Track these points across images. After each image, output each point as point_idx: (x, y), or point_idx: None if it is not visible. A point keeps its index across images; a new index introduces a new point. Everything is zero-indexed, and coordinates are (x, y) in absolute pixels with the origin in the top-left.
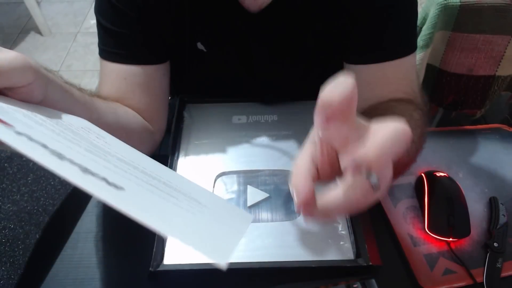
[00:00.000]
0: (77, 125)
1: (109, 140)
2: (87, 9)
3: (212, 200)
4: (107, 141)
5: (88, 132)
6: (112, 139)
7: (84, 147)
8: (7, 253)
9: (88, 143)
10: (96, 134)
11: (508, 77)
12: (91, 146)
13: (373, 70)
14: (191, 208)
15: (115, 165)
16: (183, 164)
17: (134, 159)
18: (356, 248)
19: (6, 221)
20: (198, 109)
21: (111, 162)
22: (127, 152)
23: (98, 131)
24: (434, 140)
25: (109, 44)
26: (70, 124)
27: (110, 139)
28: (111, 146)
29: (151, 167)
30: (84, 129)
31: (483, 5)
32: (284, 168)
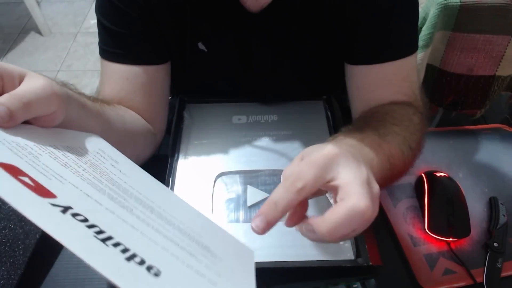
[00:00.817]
0: (93, 148)
1: (123, 167)
2: (87, 9)
3: (220, 242)
4: (122, 169)
5: (103, 158)
6: (124, 163)
7: (108, 195)
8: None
9: (109, 181)
10: (111, 160)
11: (508, 77)
12: (113, 187)
13: (374, 71)
14: (210, 271)
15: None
16: (183, 164)
17: (147, 191)
18: (356, 248)
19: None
20: (198, 109)
21: (134, 213)
22: (138, 180)
23: (111, 153)
24: (434, 140)
25: (110, 44)
26: (87, 152)
27: (123, 163)
28: (126, 175)
29: (159, 199)
30: (100, 154)
31: (483, 5)
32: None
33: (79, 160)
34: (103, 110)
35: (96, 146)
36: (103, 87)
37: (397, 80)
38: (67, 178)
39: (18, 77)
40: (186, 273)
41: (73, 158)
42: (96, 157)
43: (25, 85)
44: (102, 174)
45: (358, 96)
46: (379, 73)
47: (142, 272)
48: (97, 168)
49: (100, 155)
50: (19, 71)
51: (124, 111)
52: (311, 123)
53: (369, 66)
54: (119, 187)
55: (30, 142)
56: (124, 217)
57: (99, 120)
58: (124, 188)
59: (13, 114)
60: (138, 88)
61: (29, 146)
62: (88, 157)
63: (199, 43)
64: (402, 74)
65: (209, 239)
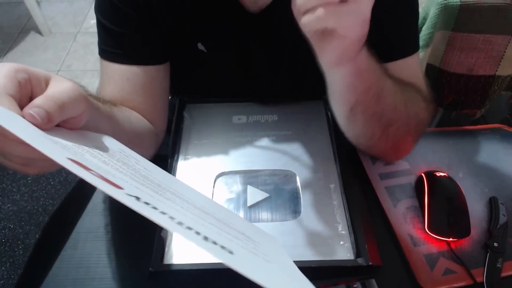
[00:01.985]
0: (115, 148)
1: (145, 165)
2: (87, 9)
3: (250, 229)
4: (145, 167)
5: (126, 157)
6: (144, 161)
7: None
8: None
9: (144, 177)
10: (133, 159)
11: (508, 77)
12: (149, 183)
13: None
14: (259, 253)
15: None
16: (183, 164)
17: (173, 186)
18: (356, 248)
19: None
20: (198, 109)
21: (178, 204)
22: (162, 176)
23: (130, 153)
24: (434, 140)
25: (110, 44)
26: (113, 151)
27: (143, 162)
28: (151, 172)
29: (186, 192)
30: (123, 153)
31: (483, 5)
32: (284, 168)
33: (112, 158)
34: (112, 111)
35: (116, 146)
36: (103, 87)
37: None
38: (114, 174)
39: (44, 80)
40: (247, 253)
41: (107, 156)
42: (121, 156)
43: (55, 87)
44: (134, 171)
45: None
46: None
47: (220, 250)
48: (129, 166)
49: (124, 154)
50: (44, 74)
51: (129, 112)
52: (311, 123)
53: None
54: (152, 182)
55: (68, 142)
56: (176, 207)
57: (110, 122)
58: (156, 183)
59: (51, 116)
60: (139, 88)
61: (69, 146)
62: (117, 156)
63: (198, 44)
64: (404, 74)
65: (241, 227)
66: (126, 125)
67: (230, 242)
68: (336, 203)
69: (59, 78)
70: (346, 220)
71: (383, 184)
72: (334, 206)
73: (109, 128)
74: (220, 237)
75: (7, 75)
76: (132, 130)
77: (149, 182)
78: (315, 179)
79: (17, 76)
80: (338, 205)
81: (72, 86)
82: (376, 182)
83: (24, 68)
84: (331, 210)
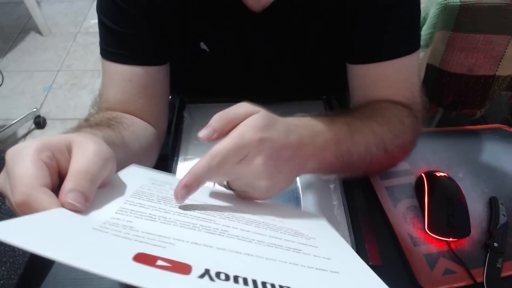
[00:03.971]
0: (147, 182)
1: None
2: (87, 9)
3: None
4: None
5: (161, 186)
6: (173, 178)
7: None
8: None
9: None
10: (167, 185)
11: (508, 77)
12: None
13: (374, 71)
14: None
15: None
16: (183, 164)
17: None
18: (356, 248)
19: None
20: (198, 109)
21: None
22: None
23: (159, 177)
24: (434, 140)
25: (112, 44)
26: (150, 187)
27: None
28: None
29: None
30: (156, 183)
31: (483, 5)
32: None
33: (158, 204)
34: (122, 136)
35: (145, 176)
36: (106, 89)
37: (397, 81)
38: (176, 236)
39: (66, 148)
40: (316, 277)
41: (152, 205)
42: (157, 189)
43: (80, 158)
44: (182, 207)
45: (358, 96)
46: (378, 73)
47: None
48: (171, 201)
49: (157, 185)
50: (65, 141)
51: (135, 127)
52: None
53: (368, 65)
54: (204, 212)
55: (110, 213)
56: (243, 249)
57: (122, 150)
58: (206, 211)
59: (87, 195)
60: (141, 90)
61: (115, 219)
62: (156, 191)
63: (201, 43)
64: (403, 74)
65: (290, 221)
66: (136, 144)
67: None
68: (336, 203)
69: (81, 141)
70: (346, 220)
71: (383, 184)
72: (334, 206)
73: (124, 157)
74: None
75: (32, 160)
76: (141, 146)
77: (199, 215)
78: (315, 179)
79: (41, 158)
80: (338, 205)
81: (96, 149)
82: (376, 182)
83: (46, 144)
84: (331, 210)
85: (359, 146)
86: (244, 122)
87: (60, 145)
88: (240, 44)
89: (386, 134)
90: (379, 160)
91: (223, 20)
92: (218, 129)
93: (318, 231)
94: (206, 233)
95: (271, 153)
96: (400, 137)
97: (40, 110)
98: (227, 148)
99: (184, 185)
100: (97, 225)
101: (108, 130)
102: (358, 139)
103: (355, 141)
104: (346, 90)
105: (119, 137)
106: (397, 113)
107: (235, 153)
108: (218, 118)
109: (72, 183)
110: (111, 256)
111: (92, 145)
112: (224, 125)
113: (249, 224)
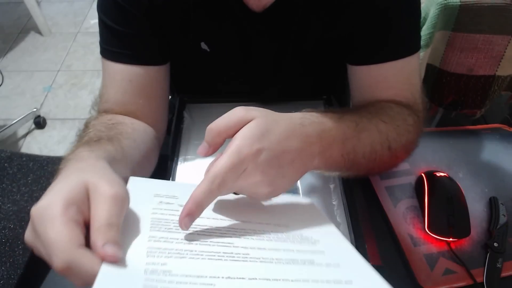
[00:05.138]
0: (151, 199)
1: (183, 200)
2: (87, 9)
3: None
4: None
5: (168, 204)
6: (180, 188)
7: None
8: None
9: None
10: (172, 199)
11: (508, 77)
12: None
13: (374, 72)
14: (331, 268)
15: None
16: (183, 164)
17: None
18: (356, 248)
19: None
20: (198, 109)
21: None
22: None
23: (162, 191)
24: (434, 140)
25: (113, 43)
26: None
27: (180, 193)
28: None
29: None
30: (162, 201)
31: (483, 5)
32: None
33: (178, 233)
34: (122, 148)
35: (148, 193)
36: (106, 89)
37: (397, 82)
38: (211, 273)
39: (86, 195)
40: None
41: (174, 237)
42: (169, 212)
43: (101, 207)
44: (199, 232)
45: (358, 97)
46: (379, 74)
47: None
48: (175, 222)
49: (165, 203)
50: (83, 187)
51: (136, 134)
52: None
53: (369, 66)
54: (219, 234)
55: (142, 257)
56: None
57: (125, 163)
58: (220, 232)
59: (116, 242)
60: (141, 90)
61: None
62: (170, 216)
63: (202, 43)
64: (403, 75)
65: (293, 224)
66: (136, 152)
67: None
68: (336, 203)
69: (97, 186)
70: (346, 220)
71: (383, 184)
72: (334, 206)
73: (124, 169)
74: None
75: (64, 222)
76: (140, 154)
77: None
78: (315, 179)
79: (71, 216)
80: (338, 205)
81: (112, 195)
82: (376, 182)
83: (69, 199)
84: (331, 210)
85: (365, 144)
86: (239, 134)
87: (82, 196)
88: (240, 44)
89: (391, 132)
90: (383, 159)
91: (224, 20)
92: (211, 143)
93: (319, 231)
94: (232, 261)
95: (271, 163)
96: (404, 136)
97: (40, 110)
98: (225, 168)
99: (187, 213)
100: (143, 279)
101: (108, 144)
102: (365, 138)
103: (362, 140)
104: (346, 90)
105: (120, 151)
106: (401, 111)
107: (234, 172)
108: (210, 131)
109: (103, 238)
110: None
111: (107, 189)
112: (216, 138)
113: (262, 240)
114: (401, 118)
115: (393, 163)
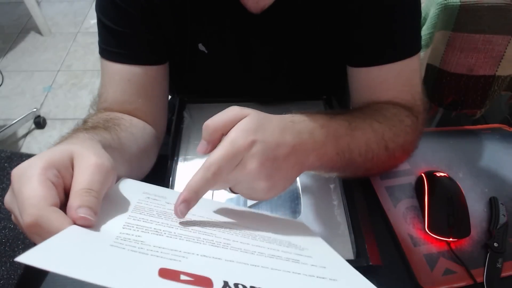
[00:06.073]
0: (139, 196)
1: (172, 198)
2: (87, 9)
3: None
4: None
5: (156, 200)
6: (169, 193)
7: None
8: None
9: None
10: (162, 199)
11: (508, 77)
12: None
13: (374, 74)
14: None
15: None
16: (183, 164)
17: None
18: (356, 248)
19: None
20: (198, 109)
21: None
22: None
23: (151, 190)
24: (434, 140)
25: (111, 43)
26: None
27: (169, 194)
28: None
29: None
30: (150, 197)
31: (483, 5)
32: None
33: (159, 219)
34: (119, 138)
35: (138, 190)
36: (105, 89)
37: (397, 84)
38: (185, 249)
39: (69, 162)
40: (319, 285)
41: (155, 220)
42: (154, 203)
43: (83, 174)
44: (182, 222)
45: (358, 98)
46: (379, 76)
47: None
48: (170, 216)
49: (152, 199)
50: (68, 155)
51: (133, 128)
52: None
53: (369, 68)
54: (203, 227)
55: (118, 228)
56: (249, 260)
57: (121, 153)
58: (205, 225)
59: (94, 210)
60: (140, 89)
61: (125, 234)
62: (154, 206)
63: (199, 44)
64: (403, 77)
65: (282, 233)
66: (133, 146)
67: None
68: (336, 203)
69: (82, 154)
70: (346, 220)
71: (383, 184)
72: (334, 206)
73: (120, 159)
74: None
75: (40, 180)
76: (138, 148)
77: (201, 229)
78: (315, 179)
79: (49, 177)
80: (338, 205)
81: (97, 164)
82: (376, 182)
83: (51, 161)
84: (331, 210)
85: (359, 143)
86: (235, 127)
87: (64, 161)
88: (238, 45)
89: (386, 132)
90: (381, 159)
91: (222, 21)
92: (209, 140)
93: (308, 242)
94: (211, 246)
95: (266, 153)
96: (401, 136)
97: (40, 110)
98: (220, 157)
99: (183, 200)
100: (112, 241)
101: (105, 132)
102: (358, 136)
103: (355, 138)
104: (346, 91)
105: (116, 140)
106: (397, 112)
107: (229, 161)
108: (206, 127)
109: (78, 201)
110: (137, 273)
111: (93, 158)
112: (213, 134)
113: (246, 237)
114: (398, 119)
115: (392, 164)
